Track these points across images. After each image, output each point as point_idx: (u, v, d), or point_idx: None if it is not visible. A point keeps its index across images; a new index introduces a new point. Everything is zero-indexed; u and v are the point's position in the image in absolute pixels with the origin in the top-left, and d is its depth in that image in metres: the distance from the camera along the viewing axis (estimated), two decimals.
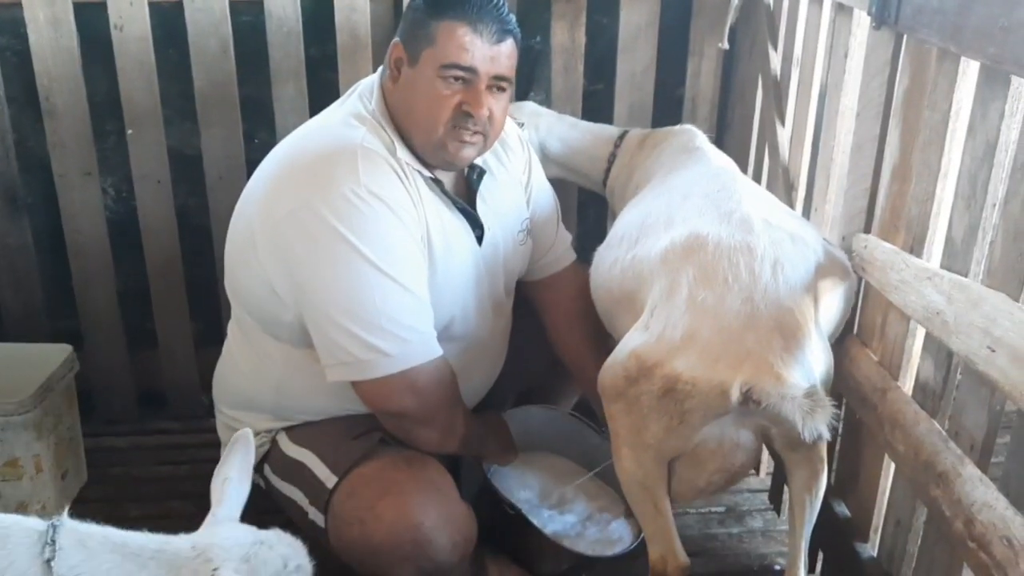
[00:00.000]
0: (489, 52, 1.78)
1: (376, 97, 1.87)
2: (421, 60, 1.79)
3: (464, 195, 1.98)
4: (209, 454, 1.91)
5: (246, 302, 1.90)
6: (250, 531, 1.39)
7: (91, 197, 2.66)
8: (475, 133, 1.82)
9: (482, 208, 1.98)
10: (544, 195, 2.21)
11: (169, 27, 2.55)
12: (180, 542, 1.35)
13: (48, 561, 1.24)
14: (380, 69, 1.95)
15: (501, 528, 2.02)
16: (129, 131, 2.60)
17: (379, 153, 1.79)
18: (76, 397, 2.46)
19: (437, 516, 1.76)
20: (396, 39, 1.84)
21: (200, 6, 2.50)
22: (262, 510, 2.26)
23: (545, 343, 2.27)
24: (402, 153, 1.82)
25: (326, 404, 1.92)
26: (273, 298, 1.80)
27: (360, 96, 1.91)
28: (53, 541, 1.26)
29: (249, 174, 2.62)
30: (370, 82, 1.94)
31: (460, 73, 1.77)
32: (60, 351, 2.40)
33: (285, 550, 1.39)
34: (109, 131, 2.68)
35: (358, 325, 1.72)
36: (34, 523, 1.31)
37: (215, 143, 2.64)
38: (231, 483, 1.48)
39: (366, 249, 1.71)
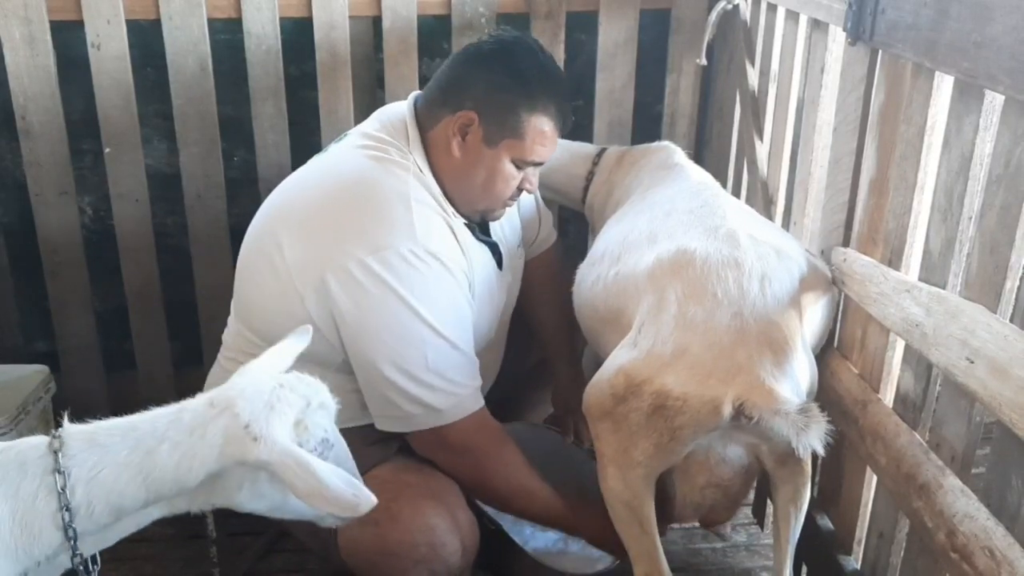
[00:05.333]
0: (556, 140, 1.91)
1: (415, 143, 1.87)
2: (501, 146, 1.85)
3: (480, 226, 2.04)
4: None
5: (275, 337, 1.82)
6: (268, 376, 1.36)
7: (68, 216, 2.64)
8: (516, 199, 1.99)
9: (495, 235, 2.06)
10: (526, 197, 2.22)
11: (147, 46, 2.54)
12: (195, 404, 1.31)
13: (60, 471, 1.24)
14: (411, 102, 1.93)
15: (485, 544, 2.01)
16: (107, 150, 2.58)
17: (429, 205, 1.82)
18: (53, 419, 2.42)
19: (451, 520, 1.79)
20: (471, 110, 1.82)
21: (178, 24, 2.49)
22: (263, 520, 2.27)
23: (522, 351, 2.29)
24: (446, 205, 1.87)
25: (348, 416, 1.90)
26: (322, 343, 1.79)
27: (389, 133, 1.89)
28: (56, 451, 1.25)
29: (229, 193, 2.65)
30: (399, 118, 1.92)
31: (534, 165, 1.90)
32: (36, 373, 2.37)
33: (305, 389, 1.36)
34: (86, 150, 2.67)
35: (410, 382, 1.76)
36: (39, 440, 1.29)
37: (194, 162, 2.63)
38: (276, 351, 1.46)
39: (423, 310, 1.74)
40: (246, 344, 1.94)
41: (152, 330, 2.78)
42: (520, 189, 1.94)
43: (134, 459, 1.26)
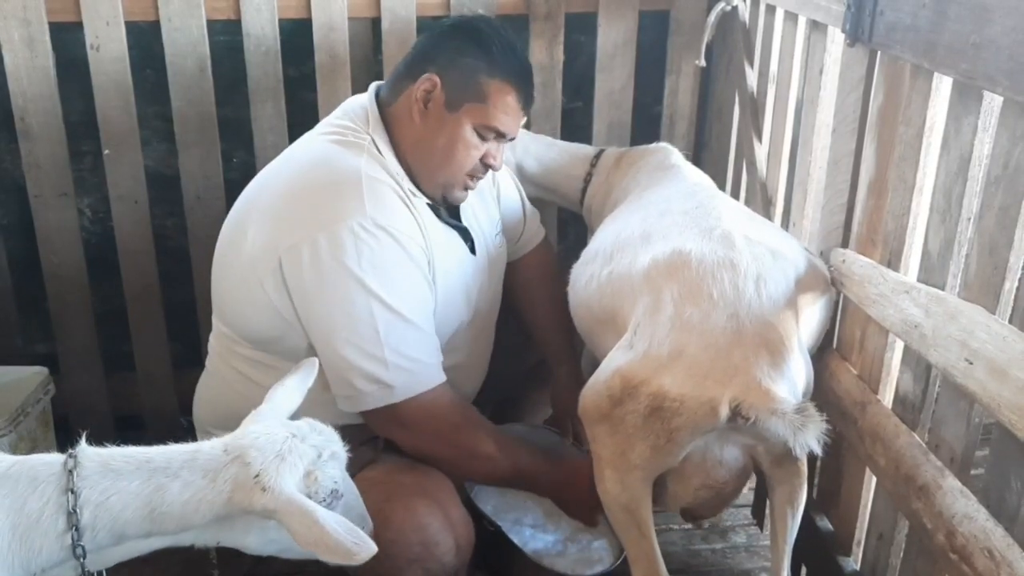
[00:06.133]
0: (520, 118, 1.92)
1: (375, 123, 1.88)
2: (463, 110, 1.85)
3: (449, 211, 2.03)
4: None
5: (248, 331, 1.89)
6: (282, 425, 1.39)
7: (67, 218, 2.64)
8: (481, 179, 1.96)
9: (467, 220, 2.05)
10: (508, 190, 2.26)
11: (146, 47, 2.54)
12: (210, 447, 1.34)
13: (73, 491, 1.26)
14: (372, 90, 1.96)
15: (483, 545, 2.01)
16: (106, 151, 2.58)
17: (383, 180, 1.82)
18: (52, 421, 2.42)
19: (443, 518, 1.79)
20: (432, 74, 1.83)
21: (177, 26, 2.49)
22: None
23: (521, 352, 2.29)
24: (404, 181, 1.86)
25: (333, 416, 1.90)
26: (285, 326, 1.81)
27: (351, 119, 1.91)
28: (71, 471, 1.27)
29: (228, 194, 2.64)
30: (360, 105, 1.94)
31: (497, 135, 1.89)
32: (35, 374, 2.37)
33: (317, 439, 1.39)
34: (86, 151, 2.67)
35: (363, 358, 1.76)
36: (54, 457, 1.31)
37: (193, 163, 2.63)
38: (284, 389, 1.50)
39: (373, 284, 1.74)
40: (228, 342, 1.96)
41: (151, 331, 2.78)
42: (486, 166, 1.93)
43: (144, 491, 1.29)
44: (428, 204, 1.91)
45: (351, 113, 1.94)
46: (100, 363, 2.80)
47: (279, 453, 1.33)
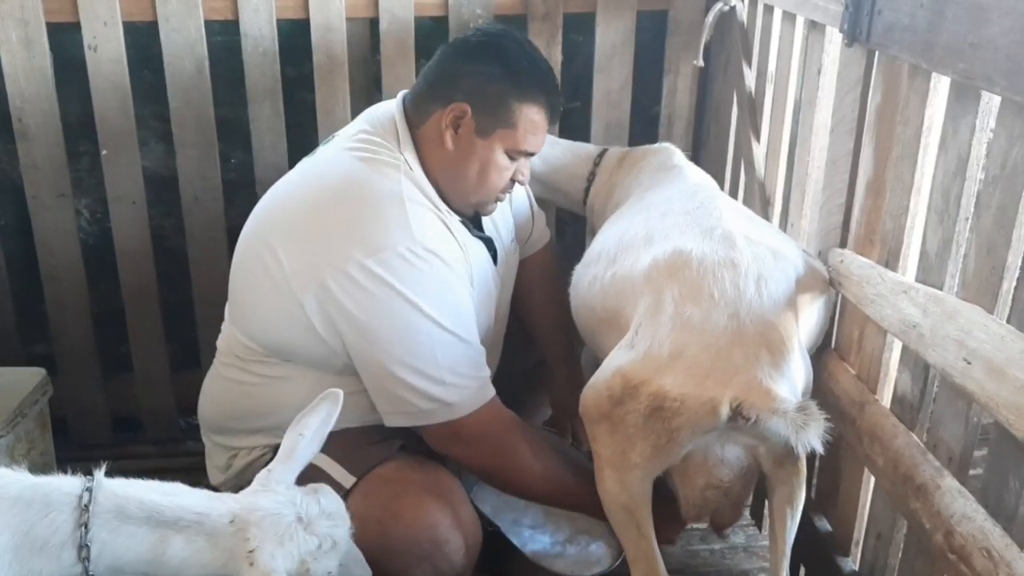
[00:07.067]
0: (546, 131, 1.93)
1: (406, 141, 1.88)
2: (494, 136, 1.86)
3: (472, 221, 2.04)
4: (187, 478, 1.89)
5: (273, 343, 1.88)
6: (293, 504, 1.40)
7: (65, 219, 2.63)
8: (509, 193, 2.01)
9: (487, 229, 2.07)
10: (518, 192, 2.25)
11: (144, 47, 2.54)
12: (221, 511, 1.36)
13: (86, 525, 1.28)
14: (400, 99, 1.94)
15: (483, 546, 2.01)
16: (104, 152, 2.58)
17: (422, 203, 1.83)
18: (50, 422, 2.42)
19: (453, 517, 1.79)
20: (463, 103, 1.83)
21: (175, 26, 2.49)
22: None
23: (521, 353, 2.29)
24: (437, 201, 1.87)
25: (349, 419, 1.89)
26: (318, 341, 1.80)
27: (380, 135, 1.90)
28: (87, 507, 1.29)
29: (226, 195, 2.65)
30: (388, 118, 1.92)
31: (526, 155, 1.92)
32: (33, 375, 2.36)
33: (323, 529, 1.40)
34: (83, 152, 2.67)
35: (421, 379, 1.77)
36: (71, 486, 1.33)
37: (191, 164, 2.63)
38: (303, 441, 1.49)
39: (427, 307, 1.75)
40: (243, 351, 1.94)
41: (149, 333, 2.78)
42: (513, 181, 1.95)
43: (149, 539, 1.32)
44: (460, 221, 1.92)
45: (378, 127, 1.91)
46: (98, 364, 2.80)
47: (280, 537, 1.35)
